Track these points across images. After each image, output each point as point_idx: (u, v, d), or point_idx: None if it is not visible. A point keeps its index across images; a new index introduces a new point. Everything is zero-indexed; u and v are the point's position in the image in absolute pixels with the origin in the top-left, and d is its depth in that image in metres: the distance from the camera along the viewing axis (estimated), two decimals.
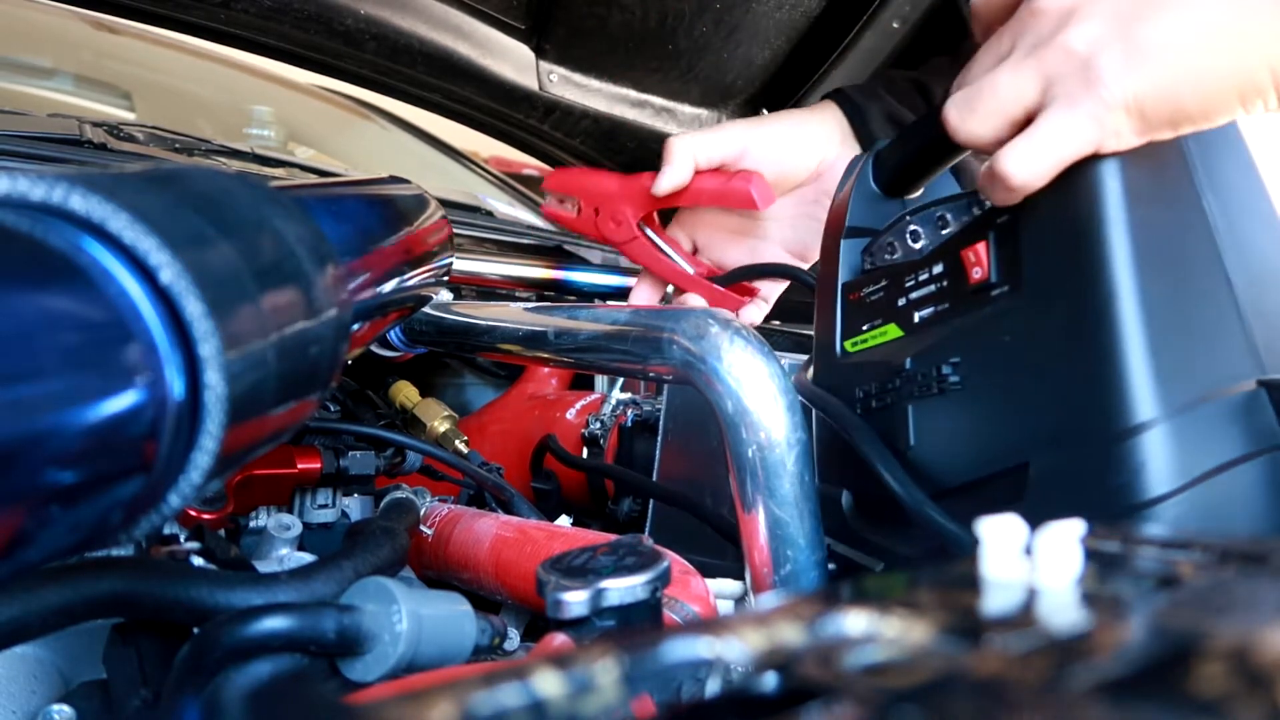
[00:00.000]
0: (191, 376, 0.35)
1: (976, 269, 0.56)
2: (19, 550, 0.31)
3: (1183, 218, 0.51)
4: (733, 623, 0.25)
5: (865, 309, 0.65)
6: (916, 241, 0.62)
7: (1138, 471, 0.46)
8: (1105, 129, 0.49)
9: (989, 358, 0.55)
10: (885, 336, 0.63)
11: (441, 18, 1.22)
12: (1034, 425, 0.51)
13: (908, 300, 0.61)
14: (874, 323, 0.64)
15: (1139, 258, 0.48)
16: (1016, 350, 0.53)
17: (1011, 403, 0.53)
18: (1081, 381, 0.49)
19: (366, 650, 0.53)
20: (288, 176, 1.26)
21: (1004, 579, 0.29)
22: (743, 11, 1.14)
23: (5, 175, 0.34)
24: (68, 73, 1.55)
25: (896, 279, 0.62)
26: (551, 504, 1.09)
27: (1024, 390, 0.52)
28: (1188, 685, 0.21)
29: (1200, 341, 0.48)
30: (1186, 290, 0.49)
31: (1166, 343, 0.47)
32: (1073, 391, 0.49)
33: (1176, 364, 0.47)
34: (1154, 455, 0.46)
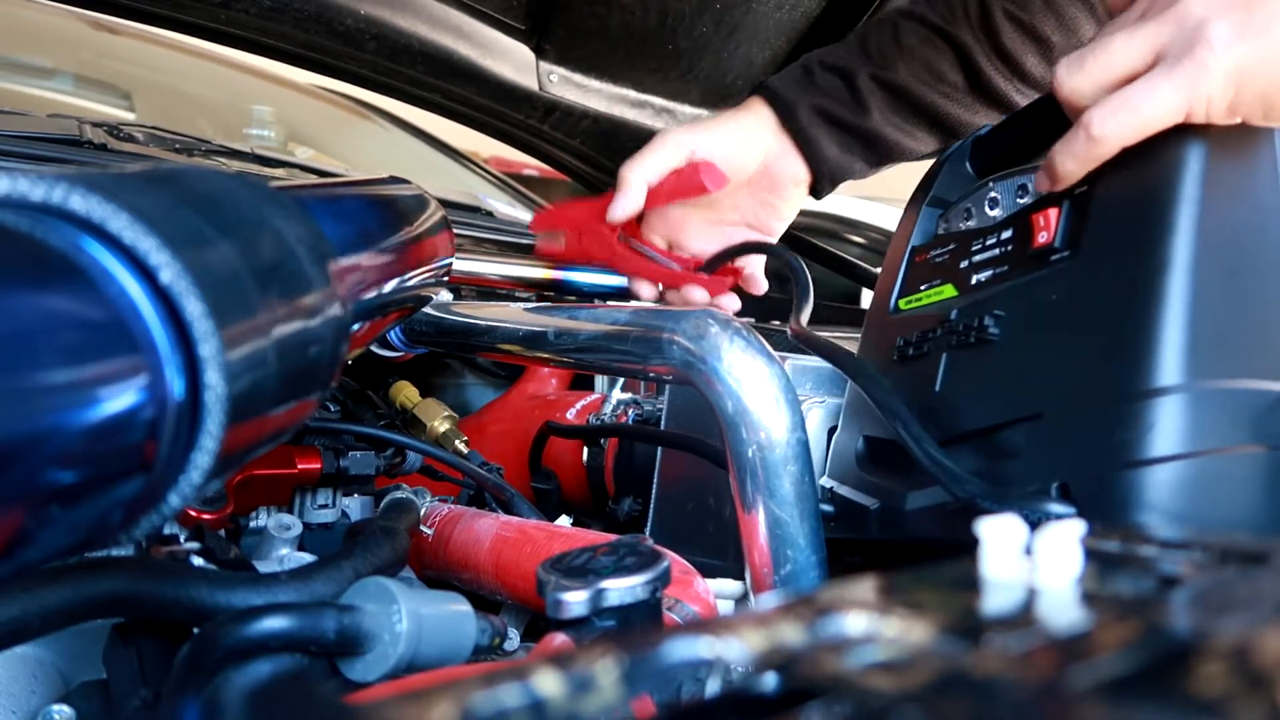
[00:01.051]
0: (191, 376, 0.35)
1: (1043, 233, 0.57)
2: (19, 550, 0.31)
3: (1258, 217, 0.51)
4: (733, 623, 0.25)
5: (927, 269, 0.67)
6: (994, 209, 0.64)
7: (1145, 430, 0.47)
8: (1197, 94, 0.49)
9: (1032, 314, 0.56)
10: (940, 296, 0.65)
11: (441, 18, 1.22)
12: (1058, 379, 0.52)
13: (970, 263, 0.63)
14: (932, 283, 0.66)
15: (1201, 238, 0.49)
16: (1060, 308, 0.54)
17: (1042, 357, 0.54)
18: (1113, 341, 0.50)
19: (366, 650, 0.53)
20: (288, 176, 1.26)
21: (1004, 579, 0.29)
22: (743, 11, 1.14)
23: (5, 175, 0.34)
24: (68, 73, 1.55)
25: (964, 242, 0.64)
26: (551, 504, 1.09)
27: (1056, 346, 0.53)
28: (1188, 685, 0.21)
29: (1242, 333, 0.49)
30: (1242, 282, 0.50)
31: (1205, 321, 0.48)
32: (1103, 350, 0.50)
33: (1210, 343, 0.48)
34: (1165, 418, 0.47)
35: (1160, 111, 0.50)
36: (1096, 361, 0.51)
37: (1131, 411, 0.48)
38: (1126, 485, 0.47)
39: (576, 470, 1.10)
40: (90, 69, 1.64)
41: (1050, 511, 0.48)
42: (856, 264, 1.40)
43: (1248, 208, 0.51)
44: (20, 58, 1.53)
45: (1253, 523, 0.46)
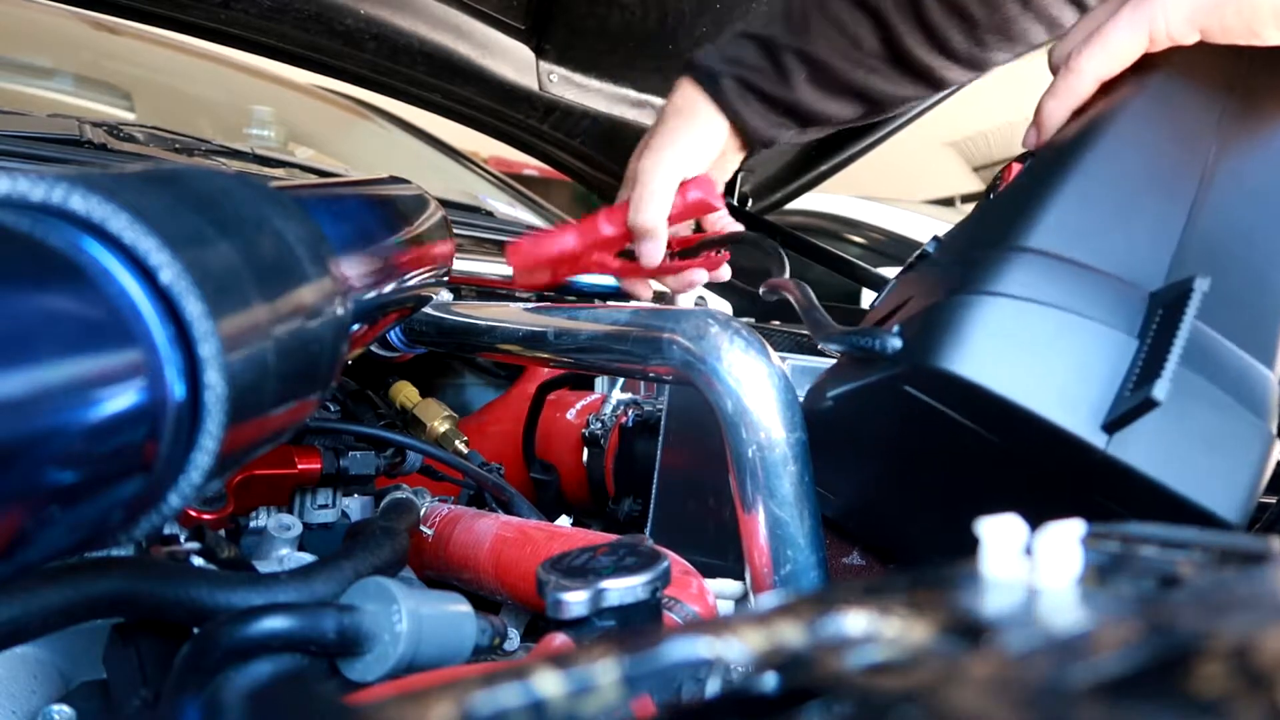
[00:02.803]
0: (191, 377, 0.35)
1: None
2: (19, 550, 0.31)
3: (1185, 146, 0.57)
4: (733, 623, 0.25)
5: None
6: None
7: (985, 272, 0.50)
8: (1156, 24, 0.57)
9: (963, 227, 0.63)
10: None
11: (441, 18, 1.22)
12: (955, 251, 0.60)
13: None
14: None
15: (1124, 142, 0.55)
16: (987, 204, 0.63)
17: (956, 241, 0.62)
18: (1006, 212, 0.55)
19: (366, 650, 0.53)
20: (288, 176, 1.26)
21: (1004, 579, 0.29)
22: (743, 12, 1.15)
23: (5, 175, 0.34)
24: (68, 73, 1.55)
25: None
26: (550, 495, 1.09)
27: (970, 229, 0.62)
28: (1188, 685, 0.21)
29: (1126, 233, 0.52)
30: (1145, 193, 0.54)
31: (1092, 207, 0.53)
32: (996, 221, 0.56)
33: (1088, 229, 0.52)
34: (1010, 267, 0.50)
35: (1128, 42, 0.59)
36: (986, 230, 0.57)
37: (983, 260, 0.51)
38: (946, 309, 0.49)
39: (576, 470, 1.10)
40: (90, 69, 1.64)
41: (880, 342, 0.51)
42: (856, 264, 1.40)
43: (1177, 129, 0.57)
44: (20, 58, 1.53)
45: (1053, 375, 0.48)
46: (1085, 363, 0.48)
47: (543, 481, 1.11)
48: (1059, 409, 0.47)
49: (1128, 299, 0.50)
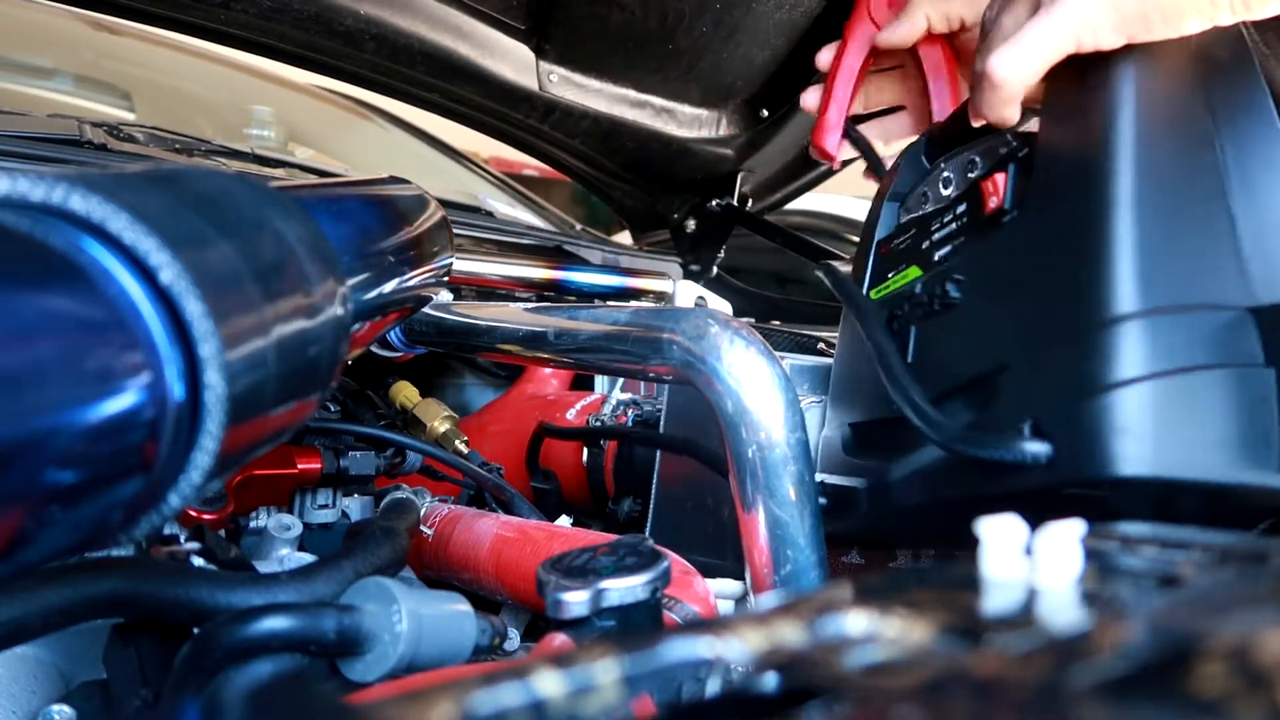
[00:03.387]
0: (191, 377, 0.35)
1: (993, 198, 0.59)
2: (19, 550, 0.31)
3: (1193, 151, 0.53)
4: (733, 623, 0.25)
5: (893, 258, 0.68)
6: (947, 188, 0.65)
7: (1107, 358, 0.48)
8: (1081, 24, 0.53)
9: (988, 272, 0.58)
10: (907, 278, 0.66)
11: (441, 18, 1.21)
12: (1020, 326, 0.54)
13: (931, 242, 0.64)
14: (899, 268, 0.67)
15: (1141, 172, 0.51)
16: (1014, 261, 0.56)
17: (1002, 310, 0.56)
18: (1068, 280, 0.52)
19: (366, 650, 0.53)
20: (288, 176, 1.26)
21: (1004, 579, 0.29)
22: (743, 11, 1.14)
23: (5, 175, 0.34)
24: (68, 73, 1.55)
25: (924, 225, 0.66)
26: (551, 504, 1.09)
27: (1015, 297, 0.55)
28: (1188, 685, 0.21)
29: (1191, 258, 0.51)
30: (1185, 211, 0.52)
31: (1155, 249, 0.50)
32: (1059, 290, 0.52)
33: (1162, 270, 0.50)
34: (1124, 344, 0.48)
35: (1051, 44, 0.55)
36: (1054, 302, 0.52)
37: (1092, 342, 0.49)
38: (1094, 412, 0.48)
39: (576, 471, 1.10)
40: (90, 69, 1.64)
41: (1025, 450, 0.49)
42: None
43: (1182, 145, 0.53)
44: (20, 58, 1.53)
45: (1215, 437, 0.47)
46: (1238, 413, 0.48)
47: (543, 490, 1.11)
48: (1235, 470, 0.47)
49: (1236, 327, 0.49)
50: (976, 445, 0.51)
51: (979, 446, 0.51)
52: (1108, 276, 0.49)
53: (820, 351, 1.11)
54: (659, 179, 1.50)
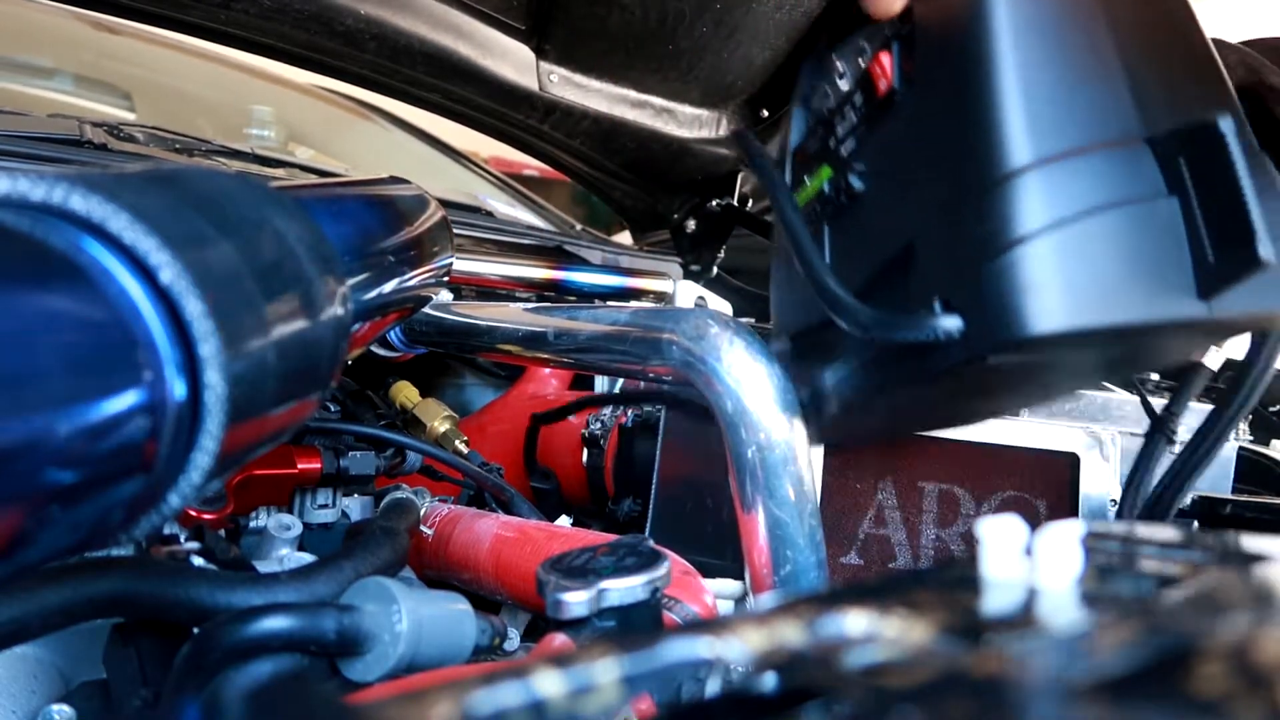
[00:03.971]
0: (192, 376, 0.35)
1: (883, 81, 0.56)
2: (19, 550, 0.31)
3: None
4: (733, 623, 0.25)
5: (807, 162, 0.65)
6: (842, 79, 0.62)
7: (1009, 214, 0.46)
8: None
9: (888, 157, 0.56)
10: (820, 179, 0.63)
11: (441, 18, 1.21)
12: (921, 205, 0.52)
13: (836, 138, 0.62)
14: (813, 171, 0.64)
15: (1016, 22, 0.49)
16: (910, 140, 0.54)
17: (904, 192, 0.54)
18: (961, 147, 0.49)
19: (366, 650, 0.53)
20: (288, 176, 1.26)
21: (1004, 579, 0.29)
22: (743, 12, 1.14)
23: (5, 175, 0.34)
24: (68, 73, 1.55)
25: (828, 122, 0.63)
26: (551, 504, 1.09)
27: (914, 175, 0.53)
28: (1188, 685, 0.21)
29: (1080, 99, 0.49)
30: (1068, 53, 0.50)
31: (1041, 96, 0.48)
32: (954, 160, 0.50)
33: (1051, 116, 0.48)
34: (1025, 197, 0.46)
35: None
36: (951, 172, 0.50)
37: (989, 204, 0.47)
38: (997, 275, 0.46)
39: (576, 470, 1.10)
40: (90, 69, 1.64)
41: (937, 326, 0.47)
42: None
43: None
44: (20, 58, 1.53)
45: (1126, 277, 0.46)
46: (1146, 249, 0.46)
47: (543, 490, 1.11)
48: (1151, 307, 0.45)
49: (1134, 161, 0.47)
50: (889, 328, 0.49)
51: (892, 329, 0.49)
52: (996, 133, 0.47)
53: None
54: (659, 179, 1.50)
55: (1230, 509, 0.80)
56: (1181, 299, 0.46)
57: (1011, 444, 0.79)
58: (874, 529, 0.80)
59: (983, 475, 0.80)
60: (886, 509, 0.80)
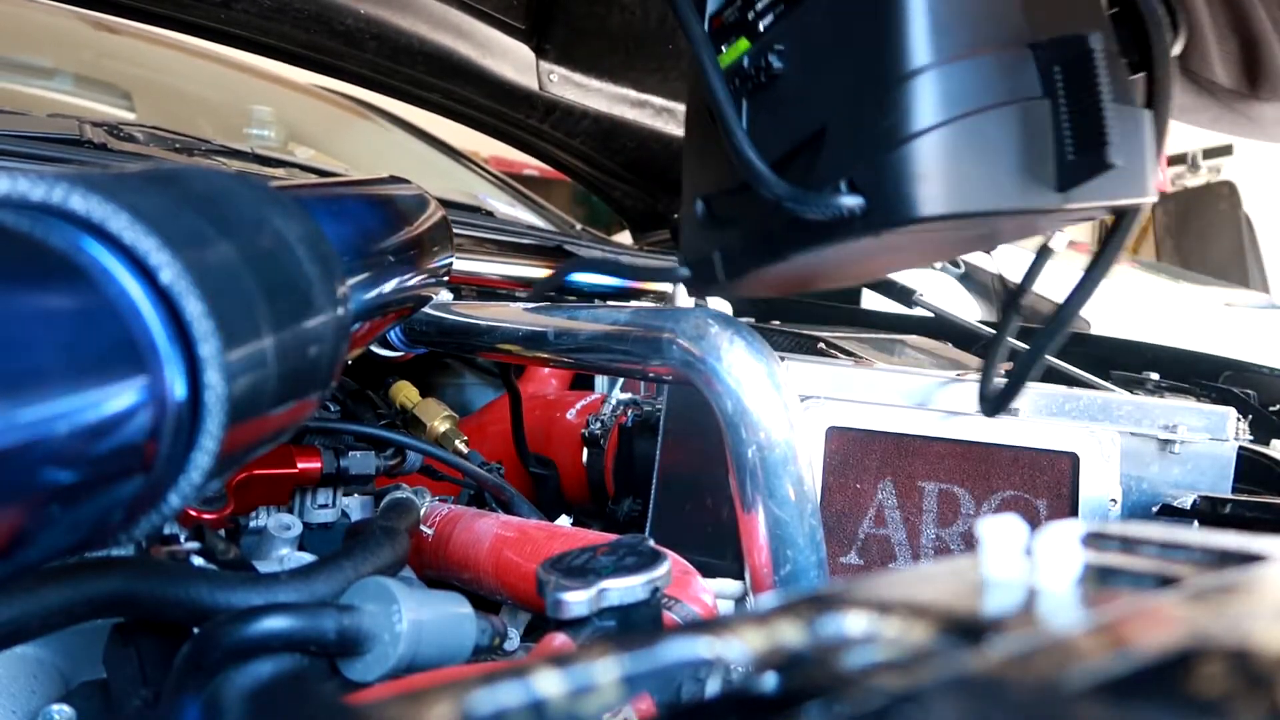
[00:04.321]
0: (192, 376, 0.35)
1: None
2: (19, 549, 0.31)
3: None
4: (733, 623, 0.25)
5: (724, 31, 0.68)
6: None
7: (907, 110, 0.52)
8: None
9: (806, 40, 0.61)
10: (737, 51, 0.66)
11: (441, 18, 1.22)
12: (834, 90, 0.58)
13: (755, 11, 0.65)
14: (729, 41, 0.67)
15: None
16: (826, 26, 0.59)
17: (818, 76, 0.59)
18: (872, 42, 0.55)
19: (366, 650, 0.53)
20: (288, 176, 1.26)
21: (1004, 579, 0.29)
22: None
23: (5, 175, 0.34)
24: (68, 73, 1.55)
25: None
26: (550, 490, 1.09)
27: (828, 61, 0.59)
28: (1188, 685, 0.21)
29: (976, 6, 0.55)
30: None
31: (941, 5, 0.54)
32: (865, 53, 0.56)
33: (950, 21, 0.54)
34: (922, 95, 0.52)
35: None
36: (862, 63, 0.56)
37: (892, 99, 0.53)
38: (896, 163, 0.52)
39: (576, 470, 1.10)
40: (90, 69, 1.64)
41: (842, 204, 0.54)
42: None
43: None
44: (20, 58, 1.53)
45: (1001, 169, 0.53)
46: (1020, 145, 0.53)
47: (541, 476, 1.11)
48: (1019, 197, 0.53)
49: (1018, 65, 0.54)
50: (802, 203, 0.56)
51: (804, 204, 0.56)
52: (901, 33, 0.53)
53: (820, 351, 1.11)
54: (659, 179, 1.50)
55: (1230, 509, 0.80)
56: (1044, 191, 0.54)
57: (1011, 444, 0.79)
58: (874, 529, 0.80)
59: (983, 475, 0.80)
60: (886, 509, 0.80)
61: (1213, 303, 2.67)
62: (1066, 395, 0.82)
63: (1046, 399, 0.82)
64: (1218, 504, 0.81)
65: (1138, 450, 0.82)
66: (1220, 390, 1.21)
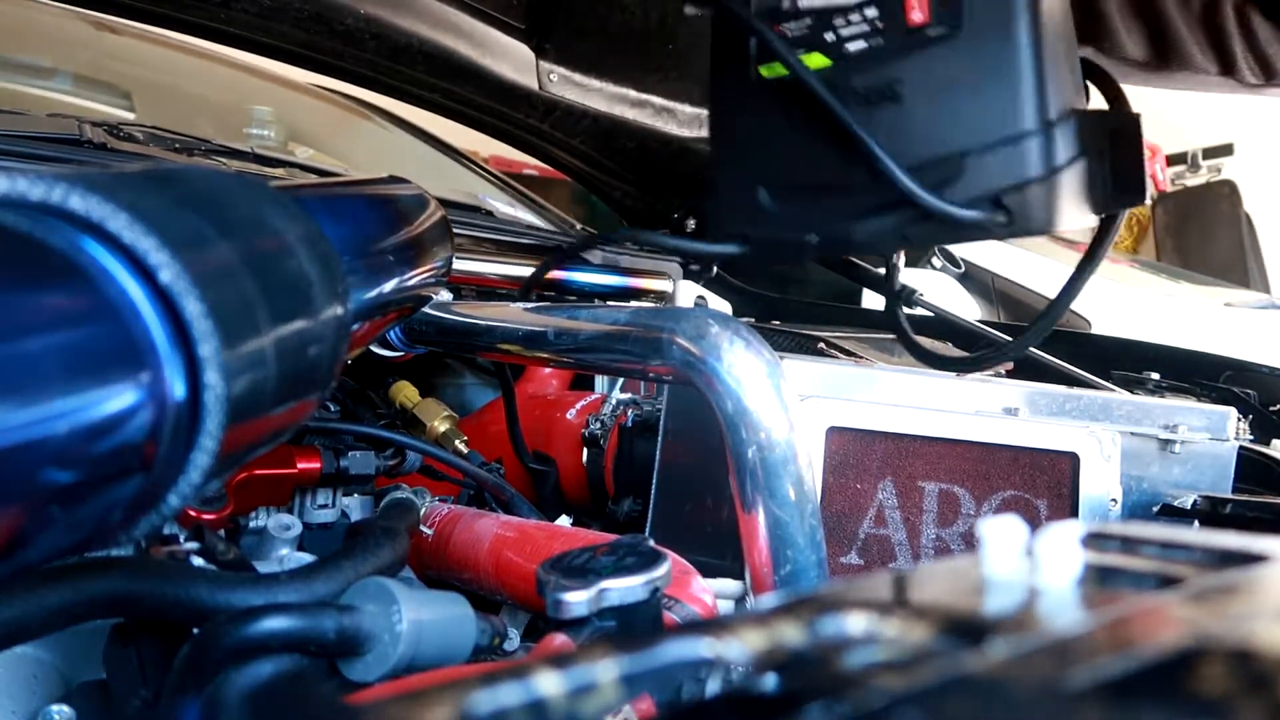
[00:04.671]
0: (191, 376, 0.35)
1: (916, 12, 0.76)
2: (19, 550, 0.31)
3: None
4: (733, 623, 0.25)
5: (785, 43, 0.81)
6: None
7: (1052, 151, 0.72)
8: None
9: (928, 78, 0.76)
10: (811, 63, 0.81)
11: (441, 17, 1.22)
12: (969, 124, 0.74)
13: (837, 36, 0.79)
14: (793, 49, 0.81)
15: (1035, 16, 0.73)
16: (956, 71, 0.75)
17: (949, 111, 0.75)
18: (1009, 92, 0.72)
19: (366, 650, 0.53)
20: (288, 176, 1.26)
21: (1004, 579, 0.29)
22: None
23: (5, 175, 0.34)
24: (68, 73, 1.55)
25: (824, 17, 0.80)
26: (549, 487, 1.09)
27: (963, 100, 0.75)
28: (1188, 685, 0.21)
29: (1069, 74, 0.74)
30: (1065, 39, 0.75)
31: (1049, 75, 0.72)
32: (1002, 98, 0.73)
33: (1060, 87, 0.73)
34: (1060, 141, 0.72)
35: None
36: (1000, 106, 0.73)
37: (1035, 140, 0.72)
38: (1045, 188, 0.71)
39: (576, 470, 1.10)
40: (90, 69, 1.64)
41: (995, 218, 0.72)
42: (857, 263, 1.40)
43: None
44: (20, 58, 1.53)
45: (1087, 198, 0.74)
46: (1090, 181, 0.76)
47: (540, 473, 1.11)
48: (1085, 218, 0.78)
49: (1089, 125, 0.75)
50: (967, 213, 0.72)
51: (970, 214, 0.72)
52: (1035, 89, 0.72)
53: (820, 351, 1.11)
54: (659, 179, 1.50)
55: (1230, 509, 0.80)
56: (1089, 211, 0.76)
57: (1011, 444, 0.79)
58: (874, 529, 0.80)
59: (983, 475, 0.80)
60: (886, 509, 0.80)
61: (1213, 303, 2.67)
62: (1066, 395, 0.82)
63: (1047, 399, 0.82)
64: (1218, 504, 0.81)
65: (1138, 450, 0.82)
66: (1221, 390, 1.21)
